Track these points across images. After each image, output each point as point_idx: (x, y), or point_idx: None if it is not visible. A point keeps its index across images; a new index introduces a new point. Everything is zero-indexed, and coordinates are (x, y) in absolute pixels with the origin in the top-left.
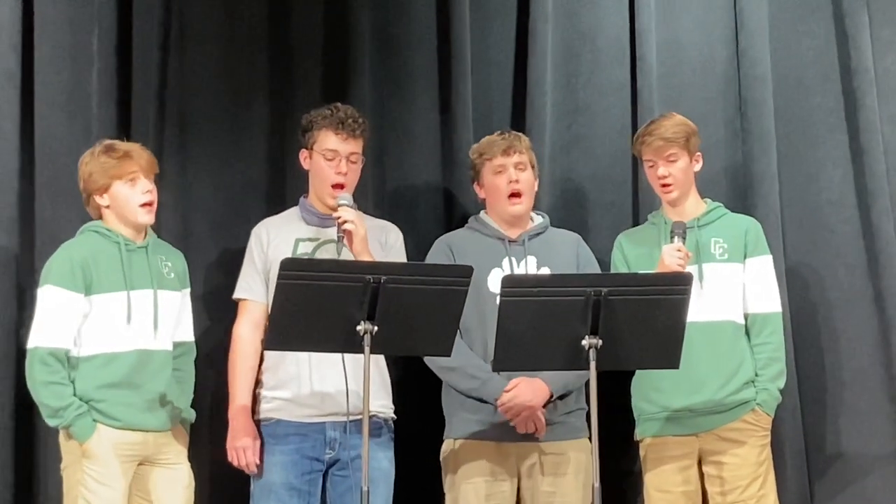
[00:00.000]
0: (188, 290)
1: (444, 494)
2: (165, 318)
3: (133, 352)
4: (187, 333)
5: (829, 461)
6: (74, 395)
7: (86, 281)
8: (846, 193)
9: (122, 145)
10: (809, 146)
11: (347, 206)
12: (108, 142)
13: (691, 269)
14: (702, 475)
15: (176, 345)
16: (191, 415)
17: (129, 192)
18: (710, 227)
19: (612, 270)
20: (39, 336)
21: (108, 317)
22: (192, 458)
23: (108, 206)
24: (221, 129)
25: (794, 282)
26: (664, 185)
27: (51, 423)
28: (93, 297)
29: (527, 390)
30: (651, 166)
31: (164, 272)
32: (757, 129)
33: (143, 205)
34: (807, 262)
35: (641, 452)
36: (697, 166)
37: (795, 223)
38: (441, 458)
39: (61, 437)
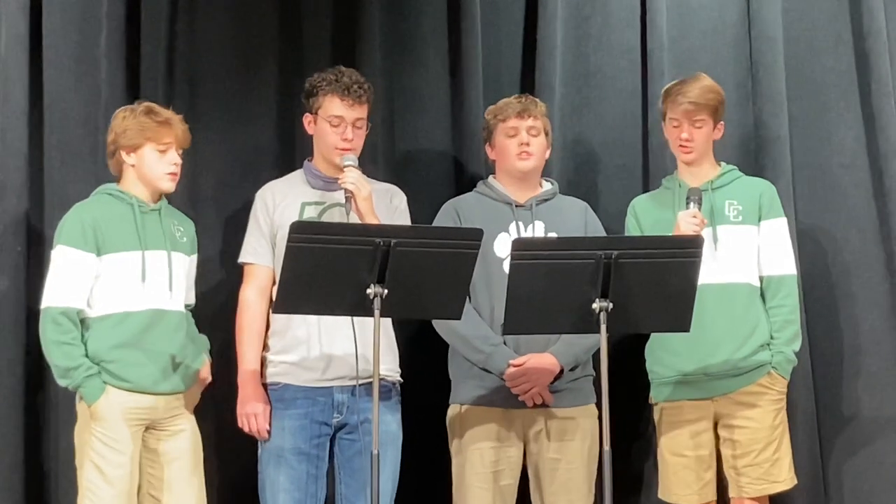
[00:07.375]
0: (195, 257)
1: (450, 459)
2: (179, 279)
3: (147, 311)
4: (191, 297)
5: (841, 424)
6: (86, 355)
7: (97, 241)
8: (858, 156)
9: (165, 112)
10: (821, 109)
11: (353, 166)
12: (149, 104)
13: (705, 231)
14: (717, 438)
15: None
16: (201, 363)
17: (157, 158)
18: (724, 189)
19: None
20: (51, 295)
21: (121, 276)
22: (199, 424)
23: (133, 165)
24: (230, 92)
25: (805, 245)
26: (683, 147)
27: (61, 383)
28: (105, 256)
29: (536, 367)
30: (675, 126)
31: (177, 235)
32: (768, 91)
33: (168, 174)
34: (819, 225)
35: (655, 416)
36: (718, 135)
37: (807, 186)
38: (447, 423)
39: (76, 399)
